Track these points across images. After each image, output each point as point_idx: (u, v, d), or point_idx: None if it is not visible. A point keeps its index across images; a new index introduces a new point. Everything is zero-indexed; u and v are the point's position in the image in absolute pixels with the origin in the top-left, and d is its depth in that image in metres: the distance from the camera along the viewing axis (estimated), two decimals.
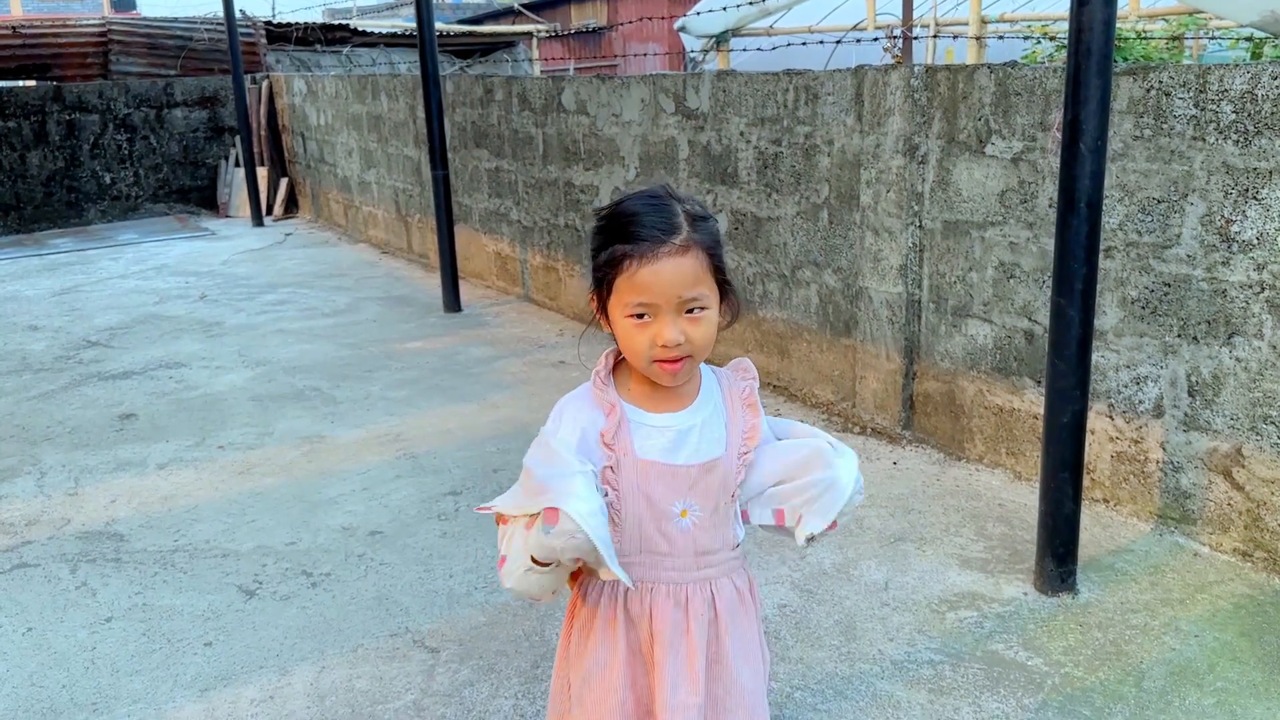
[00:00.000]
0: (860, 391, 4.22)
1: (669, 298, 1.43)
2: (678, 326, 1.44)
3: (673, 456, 1.53)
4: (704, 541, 1.56)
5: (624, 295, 1.44)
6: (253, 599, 3.13)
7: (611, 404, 1.52)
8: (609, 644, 1.55)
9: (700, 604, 1.55)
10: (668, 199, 1.49)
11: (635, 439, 1.52)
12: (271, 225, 10.45)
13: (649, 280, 1.42)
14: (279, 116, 10.85)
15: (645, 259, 1.42)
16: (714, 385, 1.61)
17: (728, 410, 1.59)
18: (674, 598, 1.54)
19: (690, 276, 1.44)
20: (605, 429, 1.52)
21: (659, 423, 1.54)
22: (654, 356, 1.45)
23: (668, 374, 1.47)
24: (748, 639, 1.61)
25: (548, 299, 6.52)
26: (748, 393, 1.61)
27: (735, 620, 1.58)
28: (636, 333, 1.45)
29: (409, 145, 8.01)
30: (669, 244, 1.43)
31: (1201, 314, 3.06)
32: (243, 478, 4.03)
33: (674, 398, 1.55)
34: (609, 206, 1.52)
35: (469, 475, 3.95)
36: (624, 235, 1.45)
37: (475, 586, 3.13)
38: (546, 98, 6.07)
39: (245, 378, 5.33)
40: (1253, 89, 2.84)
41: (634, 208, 1.47)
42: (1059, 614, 2.89)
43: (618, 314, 1.46)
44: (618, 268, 1.44)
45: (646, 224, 1.44)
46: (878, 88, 3.90)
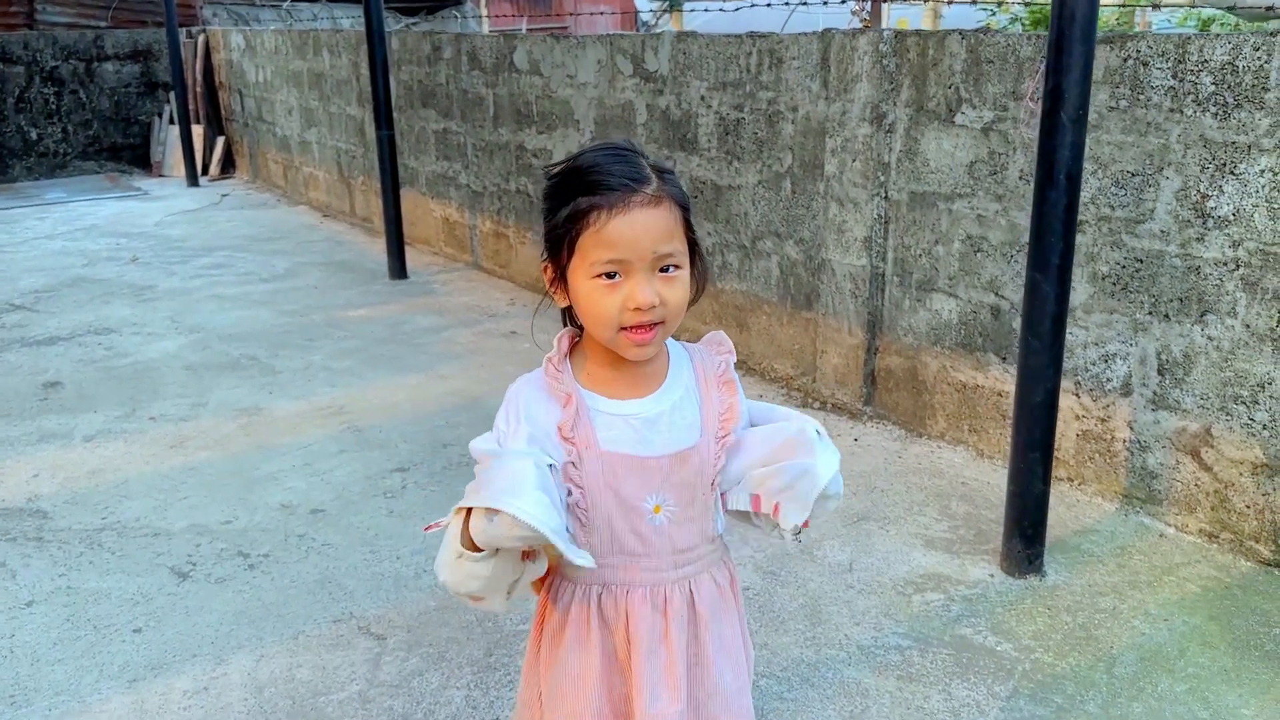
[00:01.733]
0: (821, 366, 4.12)
1: (643, 253, 1.28)
2: (652, 286, 1.29)
3: (642, 448, 1.38)
4: (681, 538, 1.43)
5: (590, 253, 1.29)
6: (186, 581, 2.95)
7: (567, 394, 1.37)
8: (582, 651, 1.42)
9: (679, 605, 1.43)
10: (629, 150, 1.35)
11: (598, 430, 1.38)
12: (207, 185, 10.07)
13: (621, 233, 1.27)
14: (215, 72, 10.44)
15: (616, 209, 1.27)
16: (685, 363, 1.46)
17: (701, 391, 1.45)
18: (651, 600, 1.41)
19: (665, 229, 1.30)
20: (562, 421, 1.37)
21: (624, 410, 1.39)
22: (624, 323, 1.30)
23: (637, 345, 1.32)
24: (729, 637, 1.49)
25: (498, 266, 6.33)
26: (723, 369, 1.47)
27: (717, 618, 1.46)
28: (604, 296, 1.29)
29: (352, 104, 7.72)
30: (641, 193, 1.29)
31: (1174, 291, 3.00)
32: (175, 451, 3.83)
33: (640, 381, 1.41)
34: (564, 162, 1.37)
35: (417, 451, 3.78)
36: (587, 187, 1.29)
37: (424, 569, 2.98)
38: (498, 57, 5.85)
39: (179, 345, 5.09)
40: (1234, 60, 2.76)
41: (595, 159, 1.32)
42: (1027, 597, 2.82)
43: (581, 277, 1.31)
44: (582, 222, 1.29)
45: (614, 173, 1.29)
46: (845, 53, 3.77)
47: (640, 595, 1.41)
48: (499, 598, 1.35)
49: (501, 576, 1.32)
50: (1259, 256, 2.79)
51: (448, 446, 3.81)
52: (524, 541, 1.24)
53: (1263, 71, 2.71)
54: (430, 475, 3.58)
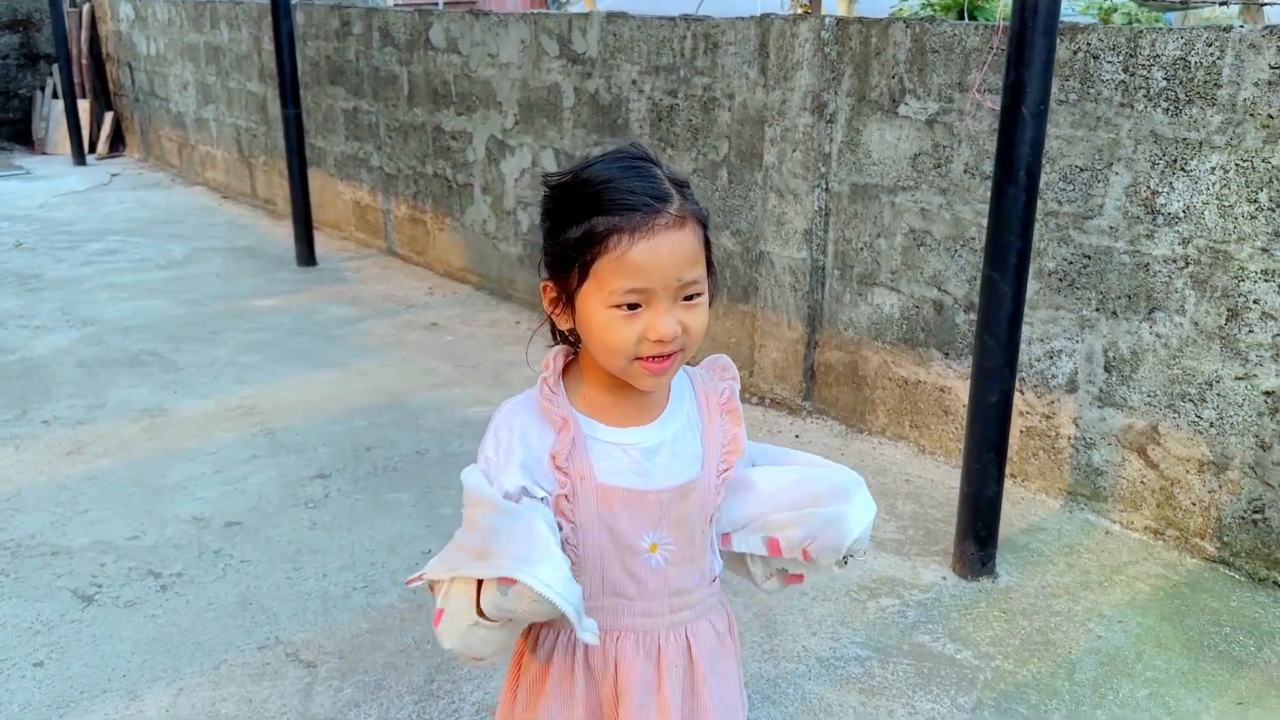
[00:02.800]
0: (760, 360, 4.03)
1: (667, 281, 1.15)
2: (674, 316, 1.16)
3: (641, 480, 1.25)
4: (678, 579, 1.29)
5: (610, 281, 1.14)
6: (91, 606, 2.70)
7: (564, 418, 1.23)
8: (564, 704, 1.28)
9: (675, 654, 1.29)
10: (644, 160, 1.20)
11: (594, 460, 1.24)
12: (96, 164, 9.52)
13: (645, 260, 1.13)
14: (103, 44, 9.85)
15: (639, 234, 1.13)
16: (686, 389, 1.33)
17: (703, 420, 1.32)
18: (644, 648, 1.28)
19: (690, 254, 1.16)
20: (557, 449, 1.22)
21: (623, 439, 1.25)
22: (640, 353, 1.17)
23: (653, 375, 1.19)
24: (728, 690, 1.36)
25: (414, 253, 6.08)
26: (727, 397, 1.35)
27: (715, 669, 1.33)
28: (622, 326, 1.15)
29: (253, 80, 7.34)
30: (665, 214, 1.14)
31: (1122, 288, 2.97)
32: (72, 459, 3.54)
33: (641, 408, 1.27)
34: (567, 172, 1.21)
35: (338, 455, 3.57)
36: (602, 206, 1.14)
37: (353, 587, 2.79)
38: (412, 33, 5.59)
39: (70, 339, 4.74)
40: (1186, 56, 2.73)
41: (607, 172, 1.17)
42: (981, 600, 2.77)
43: (595, 304, 1.16)
44: (599, 246, 1.14)
45: (635, 190, 1.15)
46: (785, 39, 3.66)
47: (632, 643, 1.28)
48: (500, 655, 1.23)
49: (513, 637, 1.20)
50: (1209, 254, 2.77)
51: (371, 449, 3.61)
52: (541, 615, 1.12)
53: (1215, 68, 2.68)
54: (354, 481, 3.37)
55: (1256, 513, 2.81)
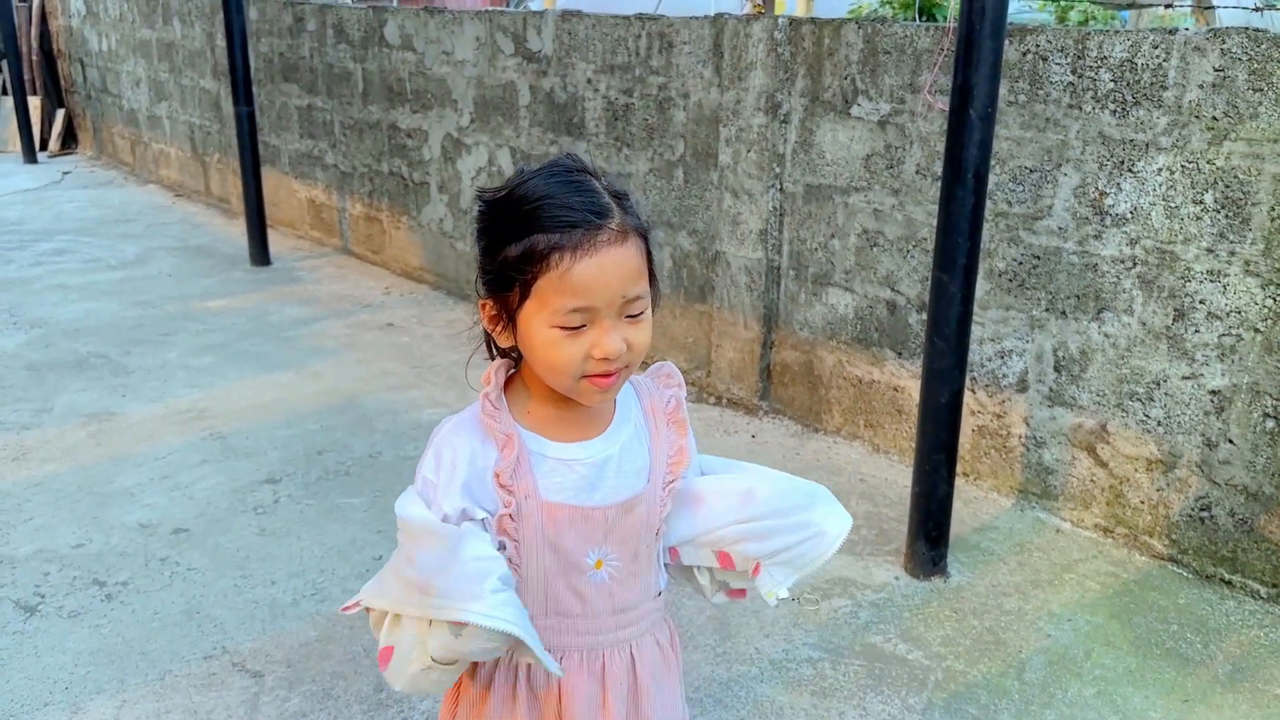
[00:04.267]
0: (716, 360, 4.03)
1: (611, 298, 1.13)
2: (619, 333, 1.14)
3: (586, 497, 1.23)
4: (623, 596, 1.28)
5: (552, 300, 1.12)
6: (34, 617, 2.65)
7: (507, 435, 1.20)
8: None
9: (619, 670, 1.28)
10: (581, 173, 1.18)
11: (539, 477, 1.21)
12: (47, 162, 9.34)
13: (588, 278, 1.11)
14: (53, 39, 9.66)
15: (581, 251, 1.11)
16: (631, 400, 1.31)
17: (650, 429, 1.30)
18: (588, 667, 1.26)
19: (633, 269, 1.14)
20: (501, 467, 1.20)
21: (568, 455, 1.23)
22: (586, 371, 1.15)
23: (599, 391, 1.17)
24: (671, 705, 1.35)
25: (370, 252, 6.02)
26: (673, 406, 1.33)
27: (659, 685, 1.32)
28: (566, 345, 1.13)
29: (206, 77, 7.23)
30: (606, 230, 1.12)
31: (1071, 288, 3.00)
32: (17, 465, 3.46)
33: (587, 421, 1.25)
34: (504, 187, 1.18)
35: (289, 459, 3.52)
36: (541, 223, 1.12)
37: (302, 595, 2.75)
38: (366, 30, 5.53)
39: (18, 342, 4.64)
40: (1132, 58, 2.75)
41: (545, 187, 1.15)
42: (933, 599, 2.79)
43: (537, 323, 1.14)
44: (540, 265, 1.11)
45: (573, 206, 1.12)
46: (738, 39, 3.65)
47: (575, 661, 1.26)
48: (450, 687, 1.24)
49: (460, 672, 1.20)
50: (1155, 254, 2.80)
51: (323, 453, 3.56)
52: (494, 654, 1.12)
53: (1161, 70, 2.70)
54: (304, 486, 3.33)
55: (1204, 510, 2.84)
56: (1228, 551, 2.81)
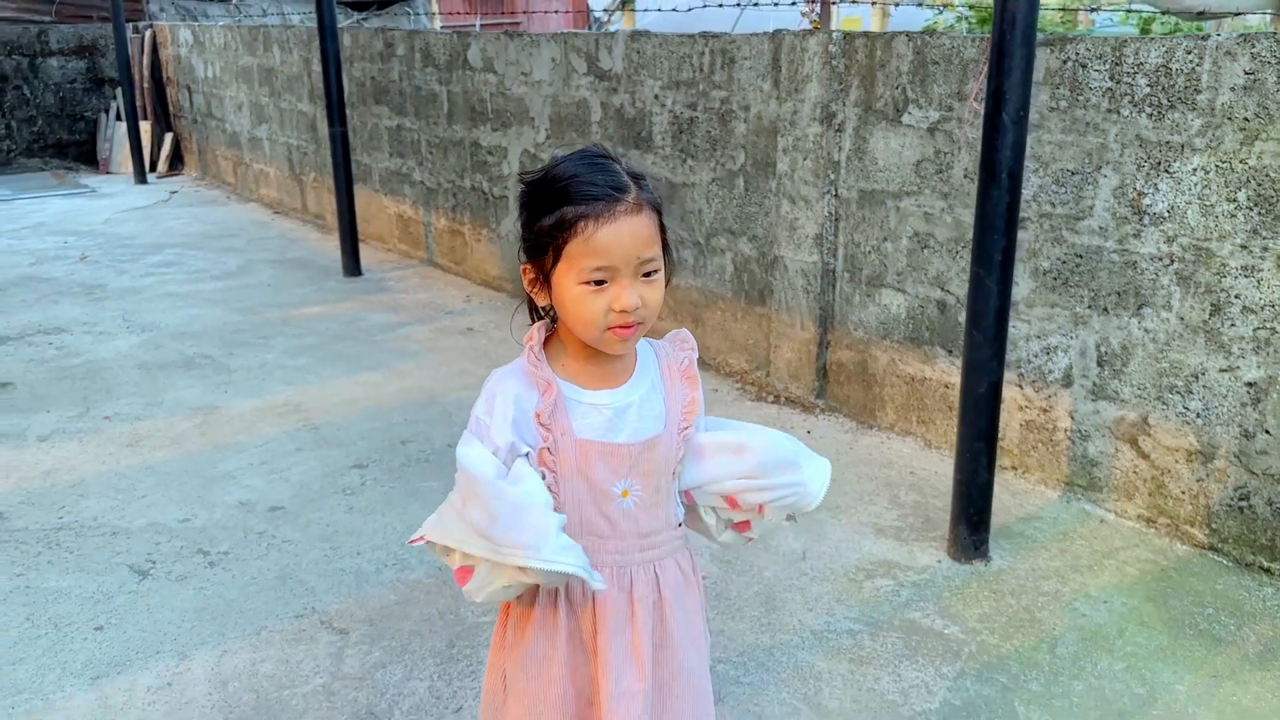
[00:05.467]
0: (774, 360, 4.21)
1: (628, 259, 1.35)
2: (635, 290, 1.37)
3: (612, 435, 1.46)
4: (646, 522, 1.49)
5: (579, 260, 1.35)
6: (146, 579, 2.95)
7: (548, 381, 1.44)
8: (548, 633, 1.47)
9: (645, 586, 1.49)
10: (604, 158, 1.41)
11: (573, 418, 1.44)
12: (155, 182, 9.95)
13: (609, 241, 1.34)
14: (163, 68, 10.31)
15: (602, 219, 1.34)
16: (651, 358, 1.53)
17: (666, 384, 1.52)
18: (617, 581, 1.47)
19: (646, 235, 1.37)
20: (541, 408, 1.43)
21: (596, 400, 1.46)
22: (609, 324, 1.37)
23: (620, 341, 1.40)
24: (692, 620, 1.55)
25: (453, 263, 6.35)
26: (686, 364, 1.55)
27: (680, 601, 1.53)
28: (591, 299, 1.36)
29: (303, 100, 7.68)
30: (624, 202, 1.35)
31: (1112, 285, 3.11)
32: (131, 451, 3.81)
33: (611, 374, 1.48)
34: (540, 170, 1.43)
35: (375, 448, 3.81)
36: (571, 197, 1.35)
37: (384, 564, 3.01)
38: (451, 54, 5.87)
39: (131, 344, 5.05)
40: (1167, 63, 2.88)
41: (573, 168, 1.38)
42: (973, 581, 2.92)
43: (568, 282, 1.37)
44: (569, 231, 1.35)
45: (597, 182, 1.35)
46: (795, 53, 3.85)
47: (607, 577, 1.47)
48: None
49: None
50: (1192, 251, 2.91)
51: (406, 443, 3.84)
52: (557, 581, 1.38)
53: (1194, 74, 2.82)
54: (389, 472, 3.60)
55: (1242, 500, 2.92)
56: (1266, 540, 2.89)
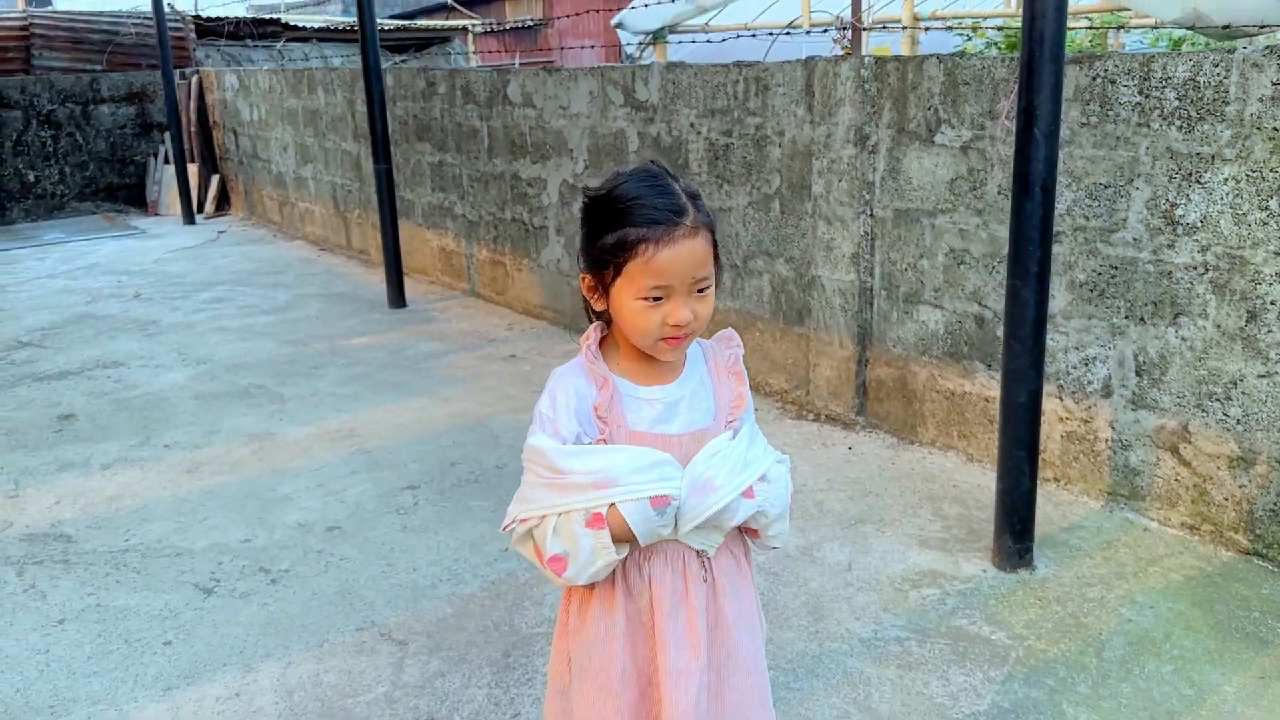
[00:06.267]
0: (814, 379, 4.27)
1: (684, 278, 1.45)
2: (689, 306, 1.46)
3: (664, 428, 1.54)
4: None
5: (638, 279, 1.44)
6: (211, 597, 3.06)
7: (604, 377, 1.54)
8: (608, 615, 1.55)
9: (698, 570, 1.56)
10: (665, 178, 1.50)
11: (627, 411, 1.53)
12: (203, 223, 10.22)
13: (667, 264, 1.43)
14: (209, 112, 10.62)
15: (662, 243, 1.43)
16: (699, 356, 1.63)
17: (714, 380, 1.61)
18: (671, 564, 1.55)
19: (702, 256, 1.46)
20: (598, 402, 1.53)
21: (649, 395, 1.55)
22: (662, 335, 1.47)
23: (671, 349, 1.50)
24: (745, 603, 1.62)
25: (495, 294, 6.48)
26: (733, 361, 1.64)
27: (733, 585, 1.60)
28: (648, 314, 1.46)
29: (347, 140, 7.89)
30: (682, 226, 1.44)
31: (1148, 295, 3.16)
32: (191, 476, 3.94)
33: (662, 371, 1.57)
34: (603, 188, 1.51)
35: (426, 470, 3.91)
36: (633, 219, 1.44)
37: (440, 579, 3.10)
38: (491, 90, 6.03)
39: (186, 376, 5.21)
40: (1195, 76, 2.94)
41: (635, 189, 1.47)
42: (1018, 589, 2.96)
43: (626, 296, 1.46)
44: (630, 252, 1.44)
45: (658, 206, 1.44)
46: (828, 79, 3.95)
47: (661, 560, 1.55)
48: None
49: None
50: (1226, 260, 2.95)
51: (455, 465, 3.94)
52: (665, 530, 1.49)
53: (1222, 86, 2.88)
54: (440, 492, 3.70)
55: None
56: None
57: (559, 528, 1.46)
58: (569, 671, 1.59)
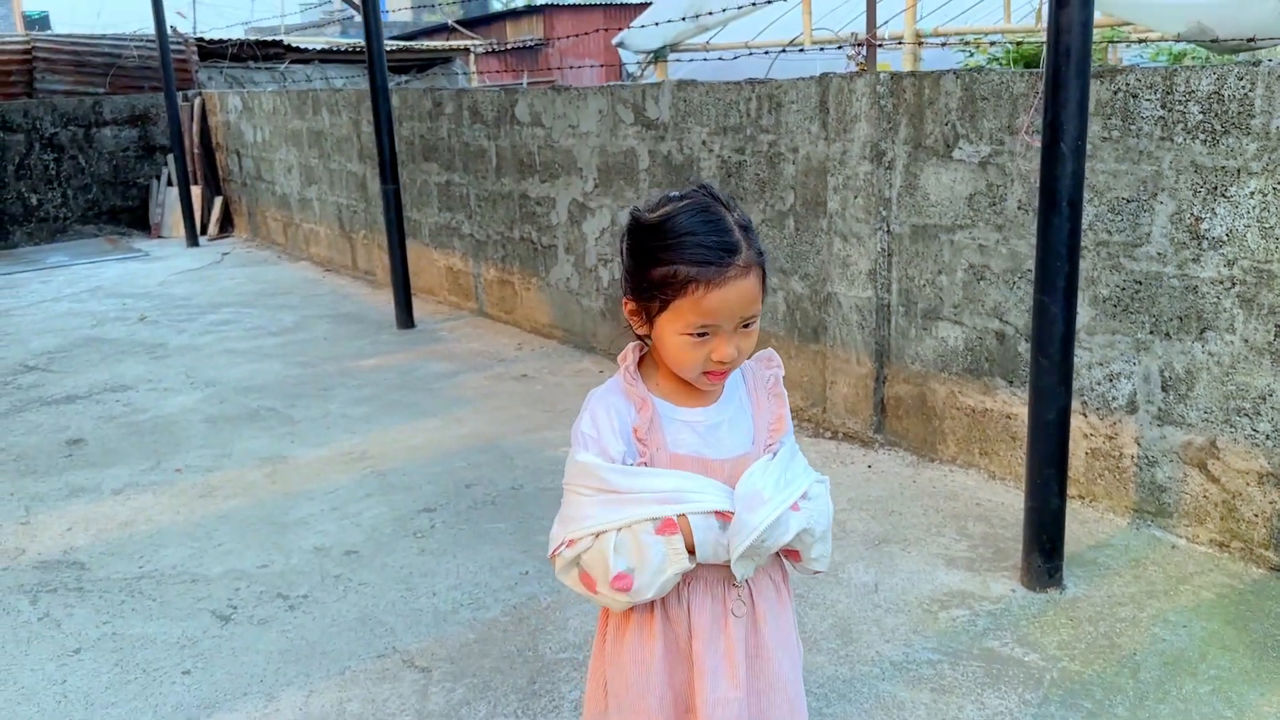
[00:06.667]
0: (831, 396, 4.24)
1: (732, 318, 1.42)
2: (734, 343, 1.44)
3: (705, 450, 1.51)
4: None
5: (686, 316, 1.41)
6: (229, 624, 3.02)
7: (643, 398, 1.50)
8: (646, 642, 1.52)
9: (737, 597, 1.53)
10: (718, 209, 1.44)
11: (667, 433, 1.50)
12: (207, 245, 10.20)
13: (716, 305, 1.40)
14: (212, 134, 10.61)
15: (713, 285, 1.39)
16: (738, 378, 1.59)
17: (753, 402, 1.58)
18: (710, 592, 1.52)
19: (752, 296, 1.43)
20: (638, 424, 1.49)
21: (689, 417, 1.52)
22: (705, 369, 1.45)
23: (713, 382, 1.49)
24: (785, 630, 1.59)
25: (503, 313, 6.45)
26: (773, 383, 1.60)
27: (773, 611, 1.56)
28: (692, 349, 1.43)
29: (353, 160, 7.88)
30: (734, 266, 1.40)
31: (1173, 310, 3.13)
32: (205, 500, 3.90)
33: (703, 393, 1.54)
34: (655, 214, 1.45)
35: (441, 492, 3.87)
36: (683, 255, 1.39)
37: (460, 604, 3.05)
38: (499, 110, 6.02)
39: (196, 399, 5.17)
40: (1219, 90, 2.92)
41: (689, 224, 1.41)
42: (1049, 609, 2.91)
43: (671, 329, 1.43)
44: (680, 290, 1.40)
45: (710, 245, 1.40)
46: (843, 95, 3.93)
47: (701, 588, 1.51)
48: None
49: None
50: (1253, 274, 2.92)
51: (471, 486, 3.90)
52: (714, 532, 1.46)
53: (1247, 100, 2.86)
54: (457, 514, 3.66)
55: None
56: None
57: (621, 543, 1.42)
58: (606, 698, 1.55)
